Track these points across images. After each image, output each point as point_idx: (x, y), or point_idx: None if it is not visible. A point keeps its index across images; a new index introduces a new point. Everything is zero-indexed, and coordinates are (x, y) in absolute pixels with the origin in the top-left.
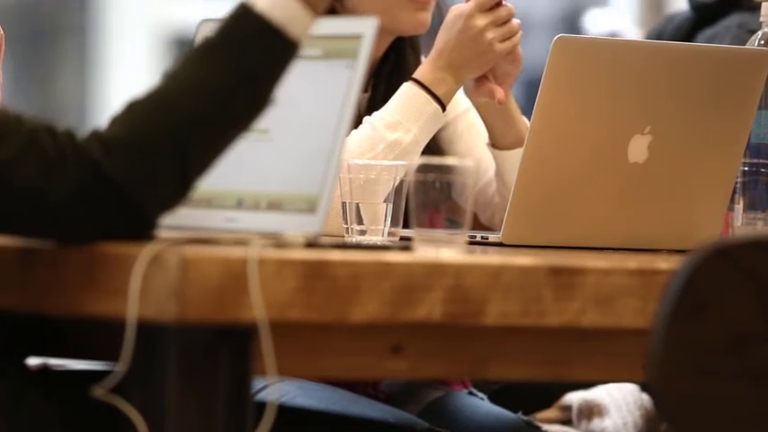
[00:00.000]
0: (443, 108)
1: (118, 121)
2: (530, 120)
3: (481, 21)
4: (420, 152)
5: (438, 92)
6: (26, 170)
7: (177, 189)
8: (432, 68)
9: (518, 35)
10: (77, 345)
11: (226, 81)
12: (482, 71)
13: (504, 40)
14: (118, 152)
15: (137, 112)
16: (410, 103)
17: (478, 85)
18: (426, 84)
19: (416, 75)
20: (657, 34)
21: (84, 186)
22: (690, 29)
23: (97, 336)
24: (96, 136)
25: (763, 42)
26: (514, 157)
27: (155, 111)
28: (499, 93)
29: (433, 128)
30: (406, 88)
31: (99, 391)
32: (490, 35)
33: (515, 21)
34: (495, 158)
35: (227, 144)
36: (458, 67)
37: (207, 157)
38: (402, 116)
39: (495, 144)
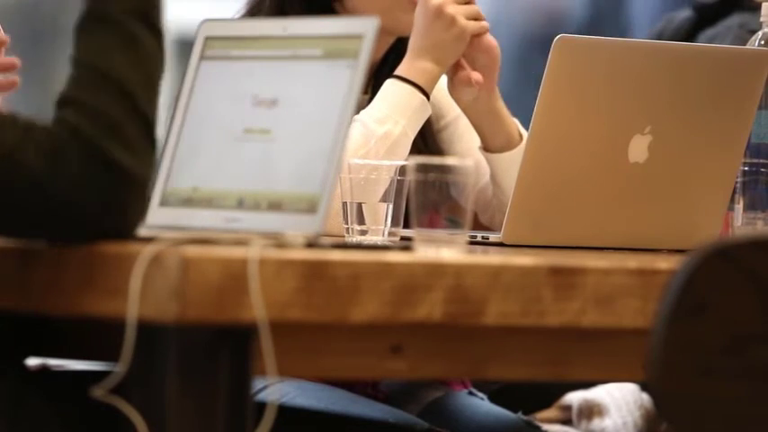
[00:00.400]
0: (428, 98)
1: (65, 114)
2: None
3: None
4: (410, 144)
5: (420, 81)
6: (26, 160)
7: (150, 143)
8: (410, 61)
9: (485, 22)
10: (77, 345)
11: (125, 29)
12: (458, 50)
13: (470, 19)
14: (95, 133)
15: (77, 96)
16: (395, 98)
17: (454, 74)
18: (407, 77)
19: (397, 72)
20: (658, 34)
21: (84, 171)
22: (690, 29)
23: (97, 336)
24: (66, 128)
25: (763, 42)
26: (506, 160)
27: (94, 87)
28: (475, 75)
29: (421, 119)
30: (389, 85)
31: (99, 392)
32: (451, 9)
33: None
34: (488, 162)
35: (158, 81)
36: (433, 50)
37: (152, 101)
38: (389, 110)
39: (486, 147)
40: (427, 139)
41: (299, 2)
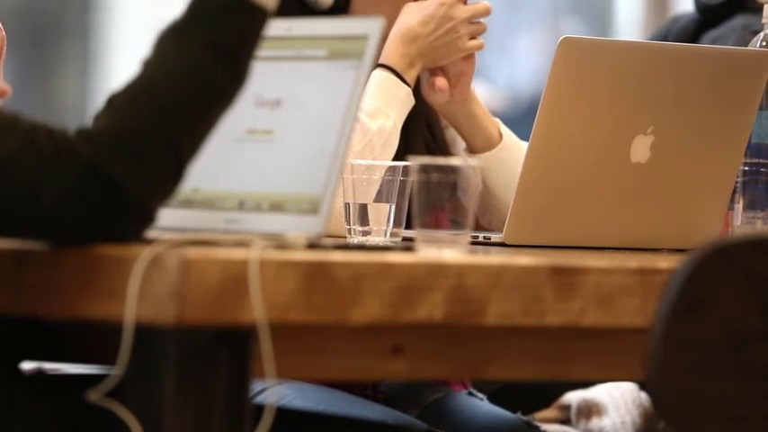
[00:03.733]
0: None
1: (102, 116)
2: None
3: (461, 13)
4: (398, 136)
5: (407, 77)
6: (22, 169)
7: (171, 174)
8: (403, 53)
9: (482, 41)
10: (73, 348)
11: (202, 59)
12: (440, 63)
13: (471, 37)
14: (108, 147)
15: (119, 104)
16: (385, 90)
17: (428, 77)
18: (398, 70)
19: (387, 60)
20: (663, 35)
21: (79, 185)
22: (695, 30)
23: (94, 339)
24: (84, 134)
25: (764, 44)
26: (487, 160)
27: (137, 100)
28: (439, 82)
29: (407, 109)
30: (379, 75)
31: (94, 396)
32: (464, 30)
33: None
34: None
35: (213, 122)
36: (426, 54)
37: (196, 139)
38: (380, 103)
39: (468, 149)
40: (436, 136)
41: (302, 15)
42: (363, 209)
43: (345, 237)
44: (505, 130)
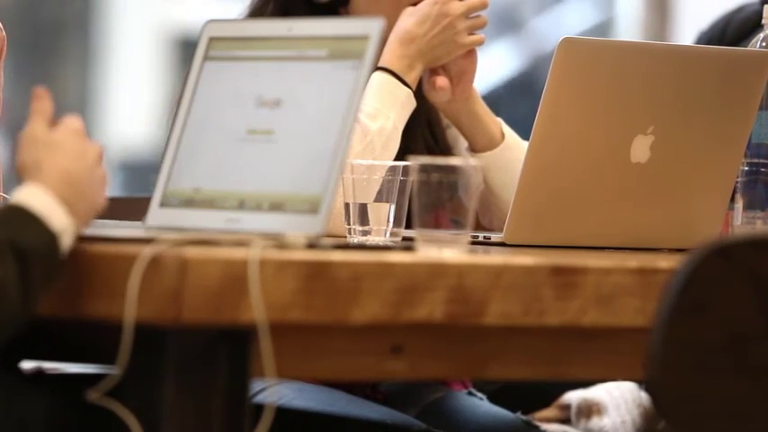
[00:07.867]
0: (412, 91)
1: None
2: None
3: (456, 9)
4: (399, 138)
5: (408, 79)
6: None
7: None
8: (401, 55)
9: (483, 36)
10: (73, 348)
11: None
12: (448, 59)
13: (470, 33)
14: None
15: None
16: (384, 91)
17: (429, 76)
18: (397, 72)
19: (385, 63)
20: (725, 22)
21: None
22: (756, 22)
23: (94, 338)
24: None
25: (764, 44)
26: (489, 159)
27: None
28: (440, 81)
29: (408, 112)
30: (378, 77)
31: (94, 395)
32: (461, 25)
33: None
34: None
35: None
36: (426, 54)
37: None
38: (379, 104)
39: (470, 148)
40: (437, 138)
41: (303, 6)
42: (363, 209)
43: (345, 237)
44: (507, 130)
